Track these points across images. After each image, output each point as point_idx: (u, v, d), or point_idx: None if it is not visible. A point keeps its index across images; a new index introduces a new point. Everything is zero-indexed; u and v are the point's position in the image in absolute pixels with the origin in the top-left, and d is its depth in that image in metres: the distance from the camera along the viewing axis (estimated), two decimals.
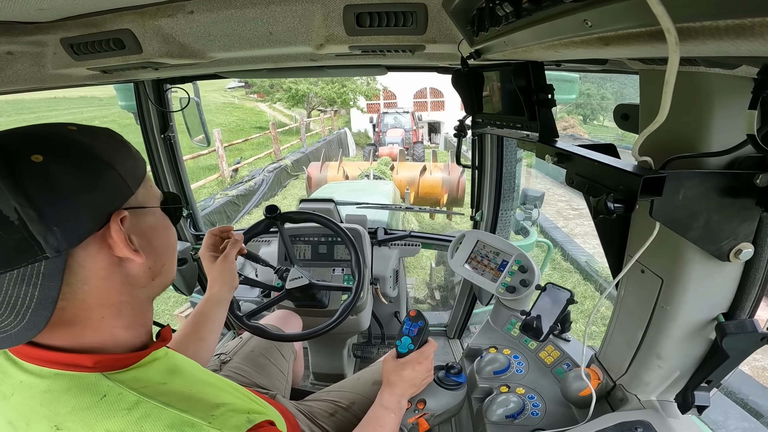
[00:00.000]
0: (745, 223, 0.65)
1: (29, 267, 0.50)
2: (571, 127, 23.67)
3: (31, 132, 0.56)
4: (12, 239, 0.49)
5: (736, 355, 0.77)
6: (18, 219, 0.49)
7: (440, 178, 9.45)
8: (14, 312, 0.50)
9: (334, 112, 27.34)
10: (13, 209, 0.48)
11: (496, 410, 1.15)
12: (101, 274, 0.57)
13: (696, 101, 0.62)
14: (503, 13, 0.52)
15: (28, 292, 0.51)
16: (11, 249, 0.49)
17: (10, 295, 0.50)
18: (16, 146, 0.52)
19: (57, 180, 0.52)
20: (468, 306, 2.41)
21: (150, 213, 0.65)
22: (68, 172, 0.53)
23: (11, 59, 1.01)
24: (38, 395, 0.55)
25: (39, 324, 0.51)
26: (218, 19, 0.91)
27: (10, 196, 0.48)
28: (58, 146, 0.55)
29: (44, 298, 0.51)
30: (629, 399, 0.95)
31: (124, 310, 0.62)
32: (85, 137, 0.58)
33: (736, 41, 0.25)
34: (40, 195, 0.50)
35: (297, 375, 1.73)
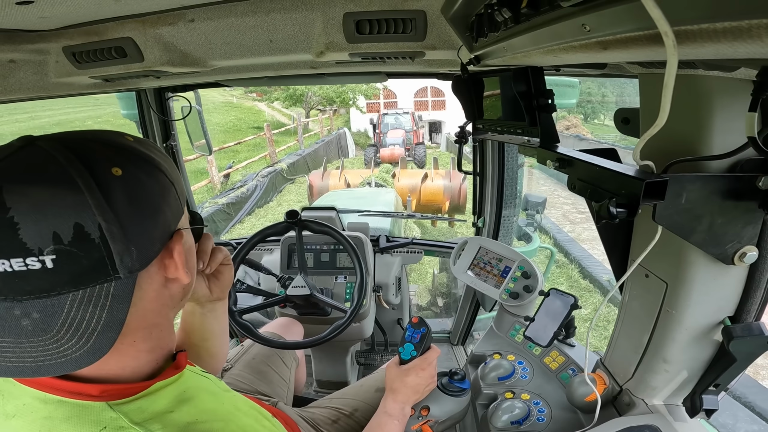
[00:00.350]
0: (749, 226, 0.65)
1: (97, 287, 0.48)
2: (574, 127, 23.40)
3: (95, 139, 0.53)
4: (87, 258, 0.46)
5: (744, 359, 0.76)
6: (100, 237, 0.46)
7: (442, 186, 9.45)
8: (77, 335, 0.48)
9: (334, 111, 26.82)
10: (97, 226, 0.46)
11: (501, 416, 1.14)
12: (152, 295, 0.56)
13: (696, 104, 0.62)
14: (502, 18, 0.52)
15: (95, 314, 0.48)
16: (83, 268, 0.47)
17: (75, 315, 0.47)
18: (94, 156, 0.50)
19: (138, 196, 0.51)
20: (471, 312, 2.40)
21: (188, 232, 0.64)
22: (146, 187, 0.52)
23: (14, 67, 1.01)
24: (38, 421, 0.52)
25: (104, 348, 0.49)
26: (219, 27, 0.92)
27: (97, 213, 0.46)
28: (131, 158, 0.53)
29: (112, 321, 0.49)
30: (636, 403, 0.94)
31: (155, 333, 0.59)
32: (146, 149, 0.56)
33: (734, 43, 0.25)
34: (125, 211, 0.48)
35: (300, 382, 1.72)
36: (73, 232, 0.45)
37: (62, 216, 0.45)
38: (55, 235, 0.44)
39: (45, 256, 0.44)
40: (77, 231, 0.45)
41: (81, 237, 0.45)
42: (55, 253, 0.45)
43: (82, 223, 0.45)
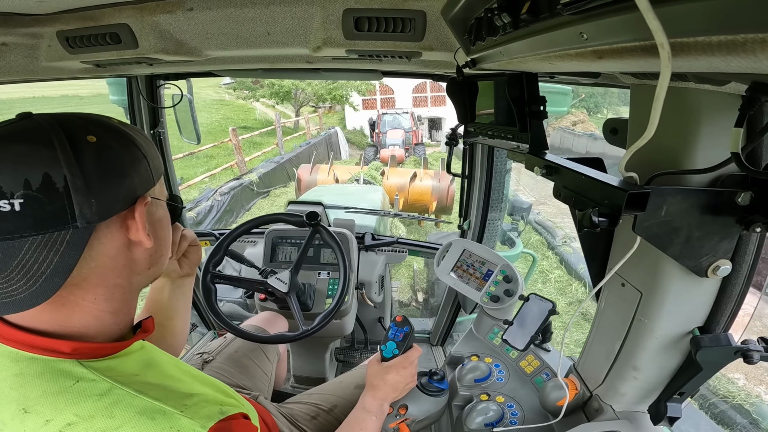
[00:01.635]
0: (725, 240, 0.67)
1: (56, 233, 0.53)
2: (581, 123, 22.58)
3: (83, 116, 0.61)
4: (51, 205, 0.52)
5: (710, 368, 0.78)
6: (64, 187, 0.52)
7: (430, 186, 9.49)
8: (27, 276, 0.52)
9: (329, 108, 25.69)
10: (62, 177, 0.52)
11: (475, 418, 1.16)
12: (111, 253, 0.60)
13: (683, 118, 0.64)
14: (501, 23, 0.53)
15: (47, 258, 0.53)
16: (46, 213, 0.52)
17: (27, 259, 0.52)
18: (75, 126, 0.57)
19: (107, 158, 0.57)
20: (452, 314, 2.41)
21: (161, 206, 0.70)
22: (115, 154, 0.59)
23: (5, 50, 0.99)
24: (9, 378, 0.55)
25: (48, 292, 0.53)
26: (217, 17, 0.91)
27: (65, 166, 0.52)
28: (109, 131, 0.60)
29: (62, 266, 0.53)
30: (604, 409, 0.96)
31: (116, 294, 0.63)
32: (127, 129, 0.64)
33: (728, 57, 0.26)
34: (90, 168, 0.55)
35: (279, 377, 1.72)
36: (41, 180, 0.51)
37: (35, 166, 0.51)
38: (26, 181, 0.51)
39: (15, 200, 0.50)
40: (45, 180, 0.51)
41: (48, 185, 0.51)
42: (23, 197, 0.51)
43: (50, 174, 0.52)
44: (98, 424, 0.52)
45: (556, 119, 21.15)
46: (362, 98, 23.95)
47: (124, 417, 0.52)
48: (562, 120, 21.06)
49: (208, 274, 1.51)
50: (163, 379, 0.63)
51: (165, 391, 0.59)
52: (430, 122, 23.32)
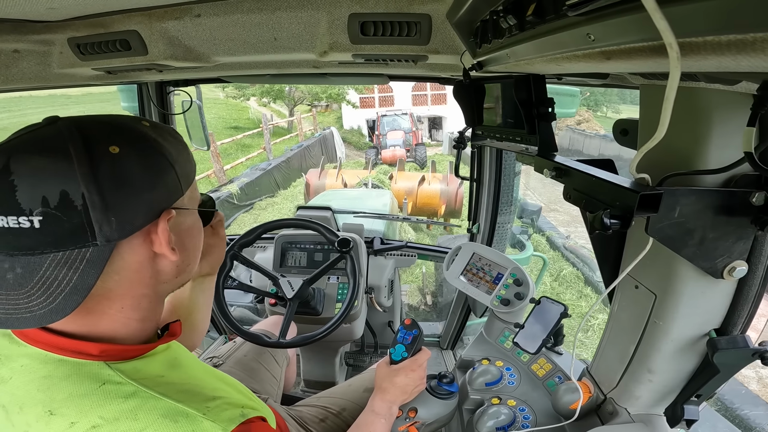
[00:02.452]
0: (740, 242, 0.66)
1: (76, 251, 0.52)
2: (586, 122, 22.06)
3: (108, 122, 0.58)
4: (70, 222, 0.51)
5: (727, 370, 0.77)
6: (82, 205, 0.51)
7: (438, 189, 9.47)
8: (46, 293, 0.51)
9: (326, 107, 24.83)
10: (80, 195, 0.51)
11: (486, 422, 1.15)
12: (135, 266, 0.59)
13: (695, 117, 0.63)
14: (507, 25, 0.53)
15: (66, 276, 0.52)
16: (65, 231, 0.51)
17: (48, 276, 0.51)
18: (97, 135, 0.55)
19: (127, 173, 0.55)
20: (462, 317, 2.40)
21: (190, 214, 0.68)
22: (138, 166, 0.56)
23: (17, 57, 1.01)
24: (37, 380, 0.55)
25: (66, 309, 0.52)
26: (224, 23, 0.92)
27: (82, 182, 0.51)
28: (133, 140, 0.57)
29: (81, 284, 0.52)
30: (619, 412, 0.95)
31: (143, 303, 0.63)
32: (156, 134, 0.61)
33: (738, 56, 0.25)
34: (109, 184, 0.53)
35: (289, 381, 1.72)
36: (59, 197, 0.50)
37: (52, 182, 0.50)
38: (44, 198, 0.50)
39: (34, 217, 0.50)
40: (63, 197, 0.50)
41: (66, 203, 0.50)
42: (42, 215, 0.50)
43: (68, 191, 0.50)
44: (122, 426, 0.52)
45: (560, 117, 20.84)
46: (360, 96, 23.02)
47: (147, 419, 0.53)
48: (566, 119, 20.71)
49: (219, 278, 1.52)
50: (187, 379, 0.63)
51: (188, 394, 0.59)
52: (430, 121, 22.78)
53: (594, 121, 22.79)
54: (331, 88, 19.72)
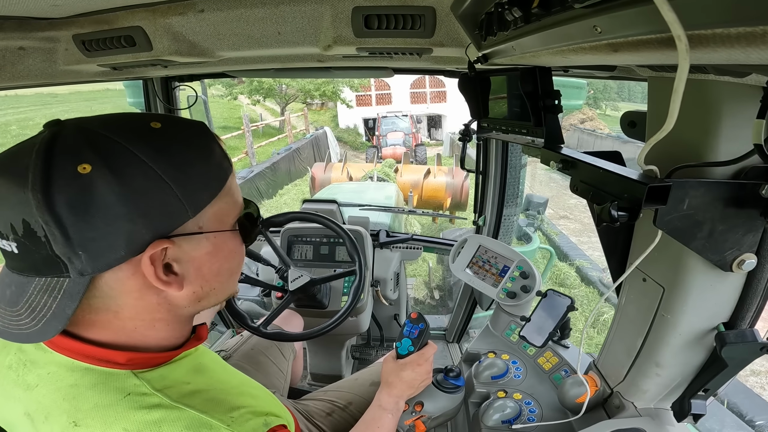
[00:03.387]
0: (750, 234, 0.65)
1: (55, 279, 0.50)
2: (590, 120, 21.54)
3: (96, 129, 0.51)
4: (38, 253, 0.48)
5: (735, 364, 0.77)
6: (44, 236, 0.46)
7: (444, 182, 9.46)
8: (32, 315, 0.50)
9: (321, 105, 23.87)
10: (40, 226, 0.46)
11: (492, 415, 1.15)
12: (134, 294, 0.54)
13: (704, 109, 0.62)
14: (512, 18, 0.52)
15: (47, 303, 0.50)
16: (38, 260, 0.49)
17: (33, 298, 0.50)
18: (68, 149, 0.48)
19: (95, 200, 0.47)
20: (468, 310, 2.40)
21: (207, 238, 0.57)
22: (112, 192, 0.48)
23: (23, 54, 1.01)
24: (64, 389, 0.54)
25: (48, 333, 0.51)
26: (228, 17, 0.92)
27: (38, 213, 0.45)
28: (115, 154, 0.49)
29: (59, 313, 0.50)
30: (626, 406, 0.95)
31: (159, 326, 0.59)
32: (161, 142, 0.53)
33: (747, 49, 0.25)
34: (70, 216, 0.46)
35: (296, 375, 1.73)
36: (23, 227, 0.47)
37: (14, 210, 0.47)
38: (11, 226, 0.47)
39: (11, 242, 0.48)
40: (26, 227, 0.47)
41: (29, 233, 0.47)
42: (15, 242, 0.48)
43: (29, 221, 0.46)
44: None
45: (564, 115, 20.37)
46: (356, 94, 21.64)
47: (171, 431, 0.52)
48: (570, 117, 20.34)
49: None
50: (212, 384, 0.61)
51: (212, 402, 0.57)
52: (429, 120, 22.21)
53: (598, 119, 22.29)
54: (324, 86, 18.41)
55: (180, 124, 0.57)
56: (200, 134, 0.57)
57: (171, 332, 0.62)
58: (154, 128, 0.54)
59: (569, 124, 20.27)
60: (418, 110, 21.55)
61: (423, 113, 21.83)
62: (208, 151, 0.57)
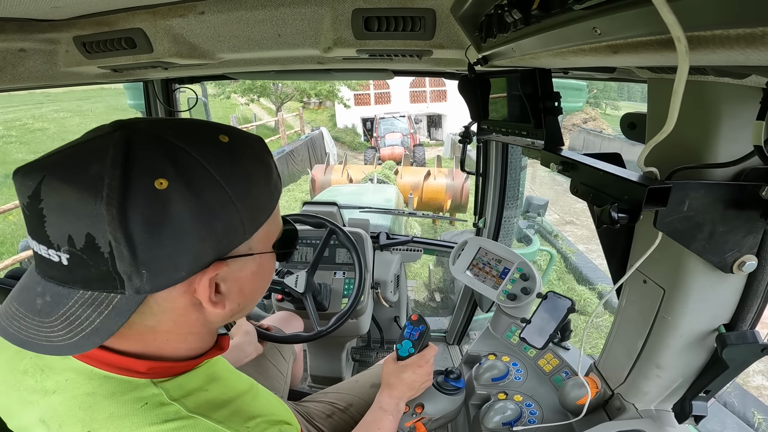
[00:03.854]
0: (750, 236, 0.65)
1: (103, 294, 0.47)
2: (593, 120, 21.09)
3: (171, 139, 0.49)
4: (96, 268, 0.46)
5: (736, 366, 0.77)
6: (109, 253, 0.45)
7: (444, 184, 9.46)
8: (69, 328, 0.47)
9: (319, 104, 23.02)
10: (107, 242, 0.44)
11: (493, 417, 1.15)
12: (179, 312, 0.54)
13: (703, 111, 0.62)
14: (512, 19, 0.52)
15: (90, 317, 0.47)
16: (92, 275, 0.46)
17: (73, 312, 0.47)
18: (145, 160, 0.46)
19: (169, 218, 0.46)
20: (468, 312, 2.40)
21: (254, 259, 0.58)
22: (188, 207, 0.47)
23: (24, 56, 1.02)
24: (80, 397, 0.53)
25: (84, 347, 0.48)
26: (228, 20, 0.92)
27: (109, 229, 0.44)
28: (190, 169, 0.48)
29: (103, 328, 0.48)
30: (627, 408, 0.95)
31: (190, 338, 0.59)
32: (227, 159, 0.51)
33: (747, 50, 0.25)
34: (142, 234, 0.45)
35: (296, 377, 1.73)
36: (84, 240, 0.44)
37: (78, 222, 0.44)
38: (69, 238, 0.45)
39: (62, 253, 0.45)
40: (88, 241, 0.44)
41: (91, 247, 0.44)
42: (69, 254, 0.45)
43: (94, 235, 0.44)
44: None
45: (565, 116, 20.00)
46: (354, 93, 20.89)
47: None
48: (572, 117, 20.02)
49: None
50: (227, 393, 0.60)
51: (229, 412, 0.57)
52: (429, 119, 21.81)
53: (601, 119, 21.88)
54: (320, 84, 17.83)
55: (245, 140, 0.56)
56: (263, 152, 0.57)
57: (199, 344, 0.61)
58: (223, 142, 0.52)
59: (572, 124, 19.92)
60: (418, 110, 21.23)
61: (423, 113, 21.48)
62: (269, 170, 0.57)
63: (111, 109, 16.05)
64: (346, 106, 19.73)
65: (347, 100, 19.74)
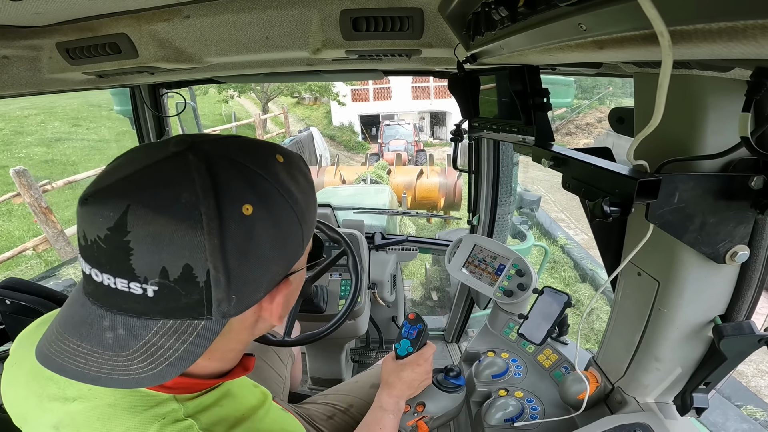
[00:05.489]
0: (741, 226, 0.66)
1: (187, 322, 0.47)
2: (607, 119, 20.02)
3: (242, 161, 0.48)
4: (188, 297, 0.45)
5: (734, 357, 0.77)
6: (205, 282, 0.44)
7: (437, 182, 9.47)
8: (149, 359, 0.46)
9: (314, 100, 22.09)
10: (206, 271, 0.44)
11: (495, 414, 1.15)
12: (239, 330, 0.54)
13: (690, 104, 0.63)
14: (499, 17, 0.52)
15: (173, 345, 0.47)
16: (180, 305, 0.45)
17: (153, 343, 0.46)
18: (231, 186, 0.46)
19: (257, 242, 0.47)
20: (466, 310, 2.41)
21: (300, 273, 0.59)
22: (269, 231, 0.48)
23: (6, 63, 1.00)
24: (101, 408, 0.52)
25: (167, 377, 0.47)
26: (215, 23, 0.91)
27: (210, 258, 0.44)
28: (269, 193, 0.48)
29: (187, 355, 0.47)
30: (628, 401, 0.95)
31: (229, 356, 0.59)
32: (289, 178, 0.52)
33: (729, 44, 0.25)
34: (236, 260, 0.45)
35: (295, 379, 1.73)
36: (181, 271, 0.44)
37: (176, 254, 0.43)
38: (163, 270, 0.43)
39: (148, 286, 0.44)
40: (185, 272, 0.44)
41: (187, 278, 0.44)
42: (158, 286, 0.44)
43: (192, 266, 0.44)
44: None
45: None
46: (351, 88, 20.30)
47: None
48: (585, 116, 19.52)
49: None
50: (240, 410, 0.60)
51: (241, 431, 0.57)
52: (432, 117, 21.47)
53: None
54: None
55: (293, 158, 0.56)
56: (306, 168, 0.57)
57: (232, 362, 0.61)
58: (280, 162, 0.52)
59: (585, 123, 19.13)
60: (421, 106, 20.67)
61: (426, 110, 20.98)
62: (313, 186, 0.58)
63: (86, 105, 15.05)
64: (341, 104, 19.16)
65: (343, 97, 19.13)
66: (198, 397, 0.56)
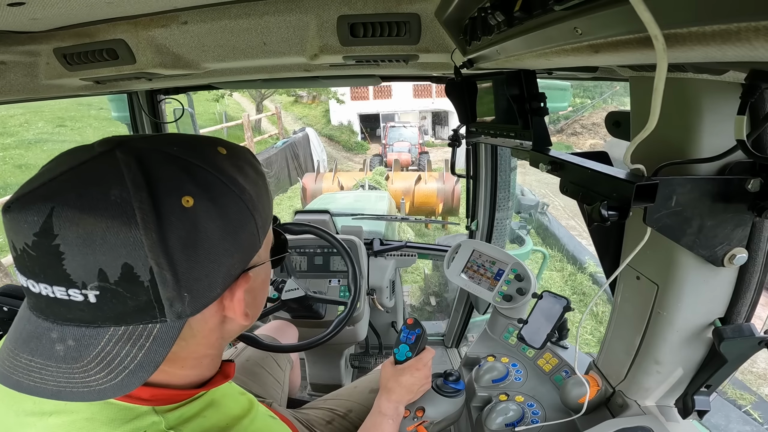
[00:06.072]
0: (738, 228, 0.66)
1: (141, 327, 0.45)
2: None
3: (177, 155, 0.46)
4: (133, 299, 0.43)
5: (734, 360, 0.77)
6: (150, 281, 0.42)
7: (435, 188, 9.48)
8: (107, 369, 0.44)
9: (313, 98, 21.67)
10: (148, 269, 0.42)
11: (495, 418, 1.14)
12: (205, 333, 0.52)
13: (685, 107, 0.63)
14: (495, 22, 0.53)
15: (130, 353, 0.44)
16: (128, 308, 0.43)
17: (108, 352, 0.44)
18: (166, 179, 0.44)
19: (202, 236, 0.45)
20: (465, 315, 2.40)
21: (264, 267, 0.57)
22: (216, 223, 0.46)
23: (4, 69, 1.01)
24: (79, 422, 0.50)
25: (131, 386, 0.45)
26: (212, 29, 0.92)
27: (150, 255, 0.41)
28: (210, 184, 0.46)
29: (148, 362, 0.45)
30: (629, 405, 0.95)
31: (205, 361, 0.57)
32: (236, 169, 0.50)
33: (723, 46, 0.25)
34: (182, 255, 0.43)
35: (294, 385, 1.72)
36: (120, 272, 0.41)
37: (112, 253, 0.41)
38: (101, 272, 0.41)
39: (88, 291, 0.42)
40: (125, 271, 0.41)
41: (129, 278, 0.42)
42: (99, 290, 0.42)
43: (132, 264, 0.41)
44: None
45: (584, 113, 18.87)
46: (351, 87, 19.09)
47: None
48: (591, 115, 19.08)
49: None
50: (224, 420, 0.58)
51: None
52: (434, 116, 21.21)
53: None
54: None
55: (239, 150, 0.55)
56: (255, 160, 0.56)
57: (209, 369, 0.59)
58: (223, 154, 0.51)
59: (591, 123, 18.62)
60: (422, 105, 20.53)
61: (428, 109, 20.82)
62: (265, 177, 0.57)
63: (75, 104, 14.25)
64: (339, 102, 18.87)
65: (341, 95, 18.93)
66: (178, 408, 0.54)
